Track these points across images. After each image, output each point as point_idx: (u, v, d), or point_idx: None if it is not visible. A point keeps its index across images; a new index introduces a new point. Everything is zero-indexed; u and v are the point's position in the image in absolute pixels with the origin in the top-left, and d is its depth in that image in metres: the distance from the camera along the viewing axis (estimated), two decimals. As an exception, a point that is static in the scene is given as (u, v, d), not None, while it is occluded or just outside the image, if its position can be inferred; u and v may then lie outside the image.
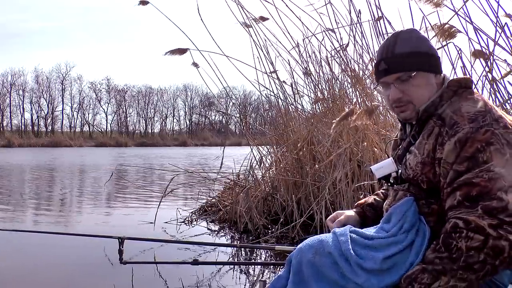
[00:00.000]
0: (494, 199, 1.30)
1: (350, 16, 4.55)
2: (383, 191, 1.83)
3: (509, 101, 3.43)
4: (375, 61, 1.61)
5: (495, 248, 1.28)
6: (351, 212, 1.75)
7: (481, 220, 1.29)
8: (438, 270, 1.32)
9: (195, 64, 5.09)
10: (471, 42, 3.38)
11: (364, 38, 4.52)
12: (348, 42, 4.65)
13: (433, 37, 3.33)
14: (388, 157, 1.65)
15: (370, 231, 1.53)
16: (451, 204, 1.37)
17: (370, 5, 4.21)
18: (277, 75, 5.21)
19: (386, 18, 4.13)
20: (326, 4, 4.59)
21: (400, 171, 1.56)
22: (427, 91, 1.51)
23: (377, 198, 1.80)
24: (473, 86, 1.55)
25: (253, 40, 5.08)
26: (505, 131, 1.36)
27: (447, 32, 3.20)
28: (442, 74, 1.56)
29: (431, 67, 1.51)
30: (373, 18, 4.25)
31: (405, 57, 1.49)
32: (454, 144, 1.37)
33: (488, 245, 1.28)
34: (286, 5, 4.71)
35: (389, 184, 1.61)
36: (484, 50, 3.38)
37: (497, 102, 3.40)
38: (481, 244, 1.29)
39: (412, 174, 1.50)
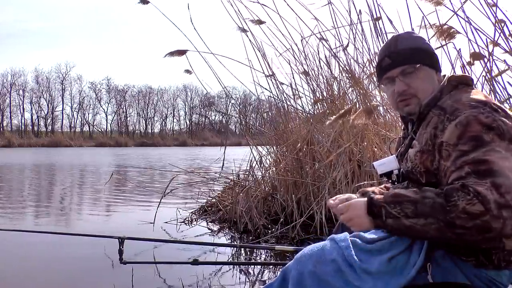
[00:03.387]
0: (504, 176, 1.28)
1: (350, 16, 4.56)
2: (387, 185, 1.83)
3: (508, 101, 3.43)
4: (377, 61, 1.65)
5: (486, 224, 1.26)
6: (353, 195, 1.74)
7: (488, 193, 1.26)
8: (425, 212, 1.32)
9: (188, 71, 5.10)
10: (470, 43, 3.39)
11: (364, 39, 4.53)
12: (348, 42, 4.66)
13: (432, 36, 3.33)
14: (392, 155, 1.66)
15: (370, 235, 1.50)
16: (458, 175, 1.34)
17: (369, 5, 4.22)
18: (275, 78, 5.22)
19: (387, 16, 4.13)
20: (327, 4, 4.60)
21: (402, 169, 1.57)
22: (431, 85, 1.55)
23: (382, 189, 1.80)
24: (473, 85, 1.57)
25: (250, 41, 5.09)
26: (504, 121, 1.38)
27: (446, 33, 3.21)
28: (441, 74, 1.59)
29: (432, 63, 1.58)
30: (372, 18, 4.25)
31: (408, 51, 1.56)
32: (455, 126, 1.38)
33: (482, 218, 1.26)
34: (288, 4, 4.71)
35: (390, 181, 1.62)
36: (483, 50, 3.38)
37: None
38: (478, 214, 1.26)
39: (411, 166, 1.51)
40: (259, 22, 4.87)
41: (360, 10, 4.46)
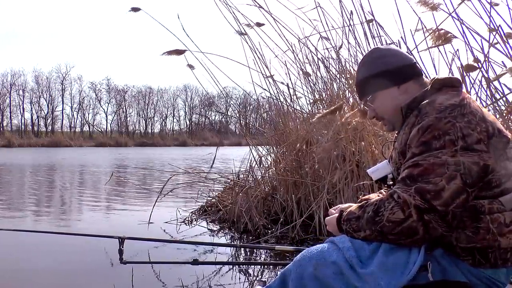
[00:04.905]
0: (431, 183, 1.37)
1: (342, 18, 4.57)
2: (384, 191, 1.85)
3: (502, 99, 3.45)
4: None
5: (410, 229, 1.37)
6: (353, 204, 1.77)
7: (411, 199, 1.37)
8: (363, 226, 1.45)
9: (191, 66, 5.13)
10: (467, 45, 3.40)
11: (357, 40, 4.54)
12: (342, 44, 4.69)
13: (424, 39, 3.35)
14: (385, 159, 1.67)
15: None
16: (399, 178, 1.46)
17: (362, 8, 4.26)
18: (273, 79, 5.24)
19: (375, 22, 4.16)
20: (316, 7, 4.64)
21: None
22: (392, 103, 1.62)
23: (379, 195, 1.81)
24: (462, 86, 1.58)
25: (248, 44, 5.11)
26: (465, 126, 1.41)
27: (442, 37, 3.22)
28: (419, 79, 1.62)
29: (388, 83, 1.61)
30: (364, 20, 4.28)
31: (362, 84, 1.67)
32: (417, 130, 1.45)
33: (404, 224, 1.37)
34: (285, 6, 4.73)
35: (386, 185, 1.64)
36: (479, 53, 3.40)
37: (493, 100, 3.42)
38: (399, 221, 1.38)
39: (395, 167, 1.55)
40: (257, 25, 4.89)
41: (351, 11, 4.48)
